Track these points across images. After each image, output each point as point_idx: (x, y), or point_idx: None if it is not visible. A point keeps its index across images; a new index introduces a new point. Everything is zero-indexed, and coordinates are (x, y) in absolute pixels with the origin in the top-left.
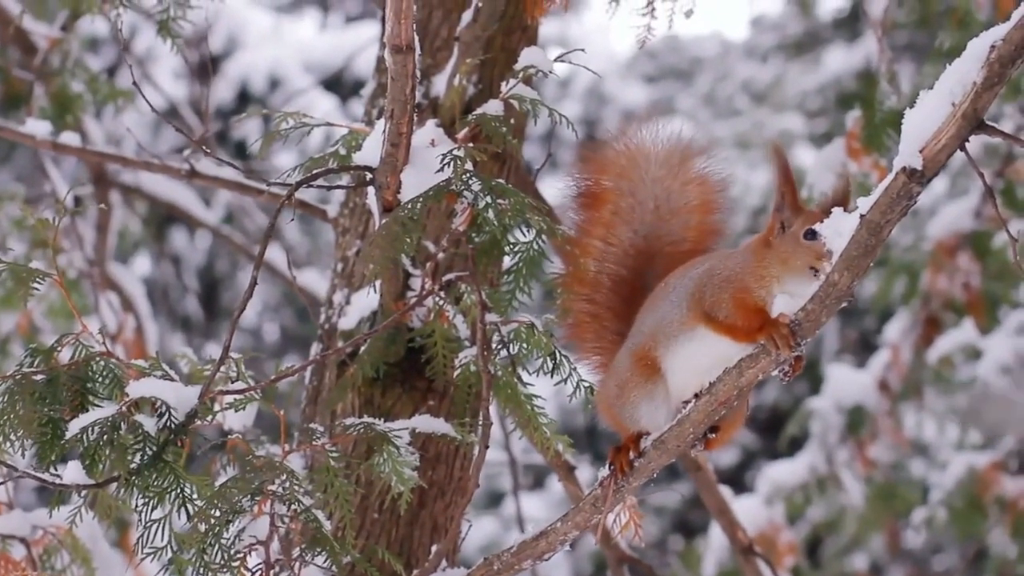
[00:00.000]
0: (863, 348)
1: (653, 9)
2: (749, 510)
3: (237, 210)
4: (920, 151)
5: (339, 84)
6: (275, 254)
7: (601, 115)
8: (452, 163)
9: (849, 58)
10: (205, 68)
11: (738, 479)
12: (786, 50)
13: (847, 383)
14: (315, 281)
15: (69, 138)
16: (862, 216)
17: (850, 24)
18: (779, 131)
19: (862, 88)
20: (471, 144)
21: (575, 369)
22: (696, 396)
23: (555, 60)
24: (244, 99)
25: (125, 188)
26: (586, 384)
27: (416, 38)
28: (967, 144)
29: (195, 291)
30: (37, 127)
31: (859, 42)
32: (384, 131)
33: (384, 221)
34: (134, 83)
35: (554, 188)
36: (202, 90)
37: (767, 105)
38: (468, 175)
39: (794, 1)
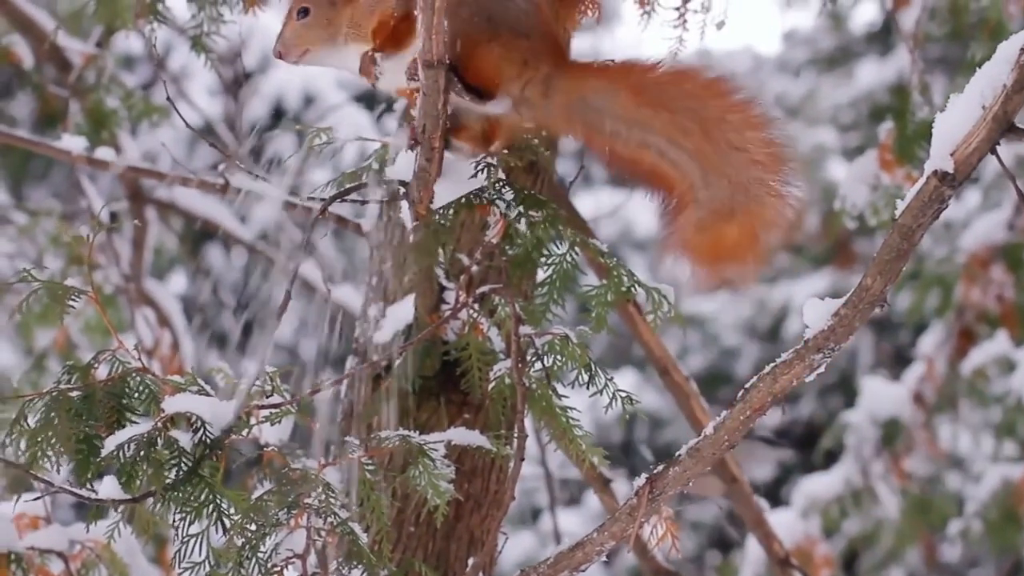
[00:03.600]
0: (897, 362)
1: (685, 21)
2: (785, 524)
3: (273, 226)
4: (951, 154)
5: (372, 100)
6: (310, 270)
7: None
8: (485, 170)
9: (882, 72)
10: (239, 84)
11: (774, 493)
12: (818, 64)
13: (882, 396)
14: (351, 297)
15: (105, 153)
16: (894, 220)
17: (882, 38)
18: (812, 145)
19: (895, 101)
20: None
21: (611, 380)
22: (731, 404)
23: None
24: (278, 115)
25: (160, 204)
26: (623, 395)
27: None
28: (998, 147)
29: (231, 307)
30: (73, 143)
31: (891, 56)
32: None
33: (415, 228)
34: (168, 99)
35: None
36: (233, 108)
37: (800, 119)
38: (501, 183)
39: (826, 15)
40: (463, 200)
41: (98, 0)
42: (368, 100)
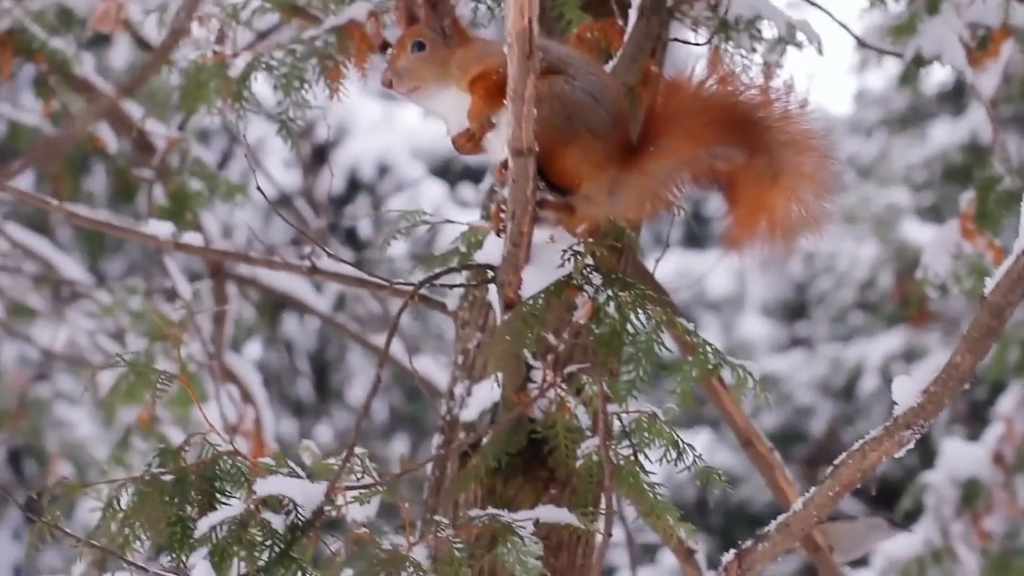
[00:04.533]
0: (973, 418)
1: None
2: None
3: (349, 296)
4: None
5: (447, 170)
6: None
7: (709, 194)
8: (572, 258)
9: (955, 132)
10: (317, 158)
11: None
12: (890, 124)
13: (961, 456)
14: (427, 367)
15: (191, 238)
16: (983, 298)
17: (955, 98)
18: (885, 205)
19: (968, 161)
20: (590, 239)
21: (699, 458)
22: (821, 480)
23: None
24: (354, 186)
25: (241, 280)
26: (716, 473)
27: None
28: None
29: (307, 374)
30: (160, 228)
31: (964, 115)
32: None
33: (506, 318)
34: (258, 189)
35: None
36: (310, 180)
37: (873, 179)
38: (588, 269)
39: (899, 76)
40: (552, 287)
41: (184, 88)
42: (444, 172)
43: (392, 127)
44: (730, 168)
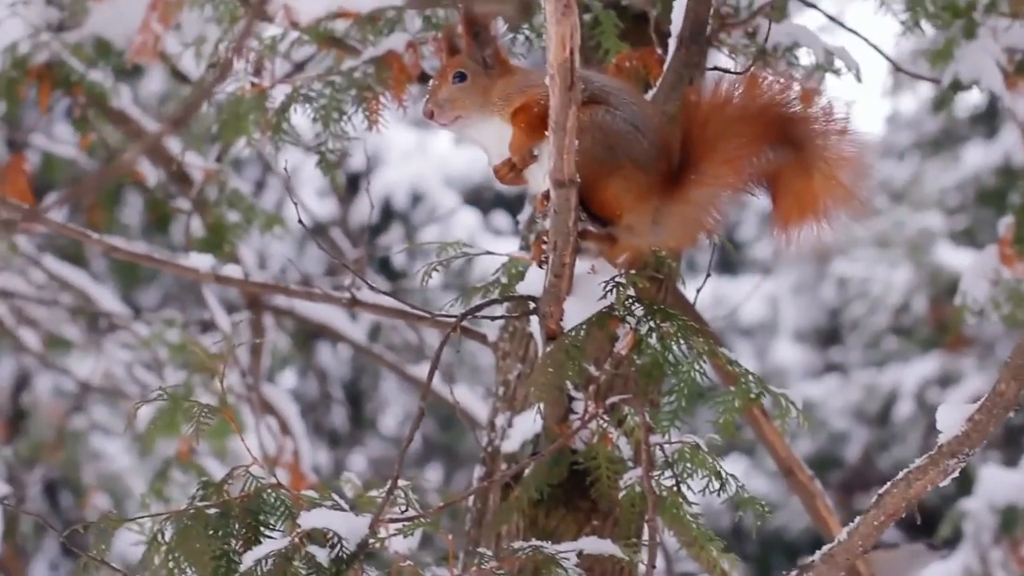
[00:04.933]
0: (1009, 444)
1: None
2: None
3: (385, 325)
4: None
5: (480, 198)
6: (422, 369)
7: (742, 219)
8: (615, 289)
9: (988, 154)
10: (351, 187)
11: None
12: (923, 147)
13: (999, 482)
14: (464, 396)
15: (231, 270)
16: None
17: (987, 120)
18: (919, 229)
19: (1002, 184)
20: (631, 269)
21: (742, 488)
22: (865, 510)
23: None
24: (387, 215)
25: (277, 310)
26: (758, 504)
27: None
28: None
29: (341, 403)
30: (199, 260)
31: (997, 138)
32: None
33: (548, 349)
34: (299, 222)
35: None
36: (345, 209)
37: (906, 203)
38: (630, 300)
39: (933, 100)
40: (594, 318)
41: (223, 120)
42: (477, 201)
43: (425, 155)
44: (771, 168)
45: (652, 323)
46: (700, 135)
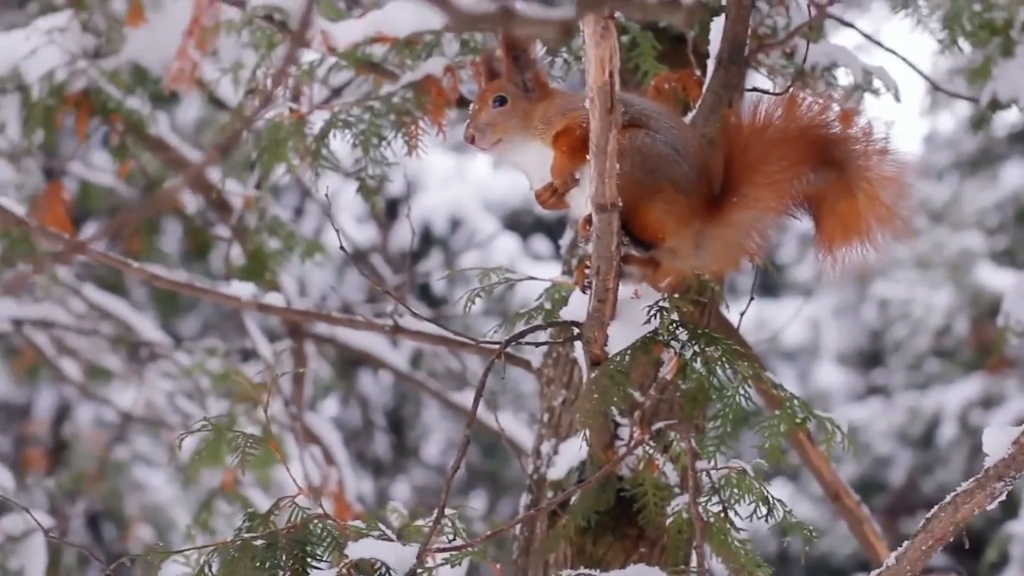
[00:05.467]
0: None
1: None
2: None
3: (427, 352)
4: None
5: (519, 222)
6: (465, 397)
7: (783, 241)
8: (658, 314)
9: None
10: (390, 212)
11: None
12: (961, 167)
13: None
14: (507, 423)
15: (273, 298)
16: None
17: None
18: (959, 250)
19: None
20: (675, 294)
21: (789, 513)
22: (913, 535)
23: None
24: (427, 240)
25: (319, 338)
26: (807, 529)
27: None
28: None
29: (383, 431)
30: (240, 289)
31: None
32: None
33: (593, 375)
34: (341, 248)
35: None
36: (384, 235)
37: (945, 224)
38: (674, 325)
39: (971, 120)
40: (638, 343)
41: (262, 148)
42: (516, 225)
43: (463, 180)
44: (813, 190)
45: (697, 348)
46: (741, 158)
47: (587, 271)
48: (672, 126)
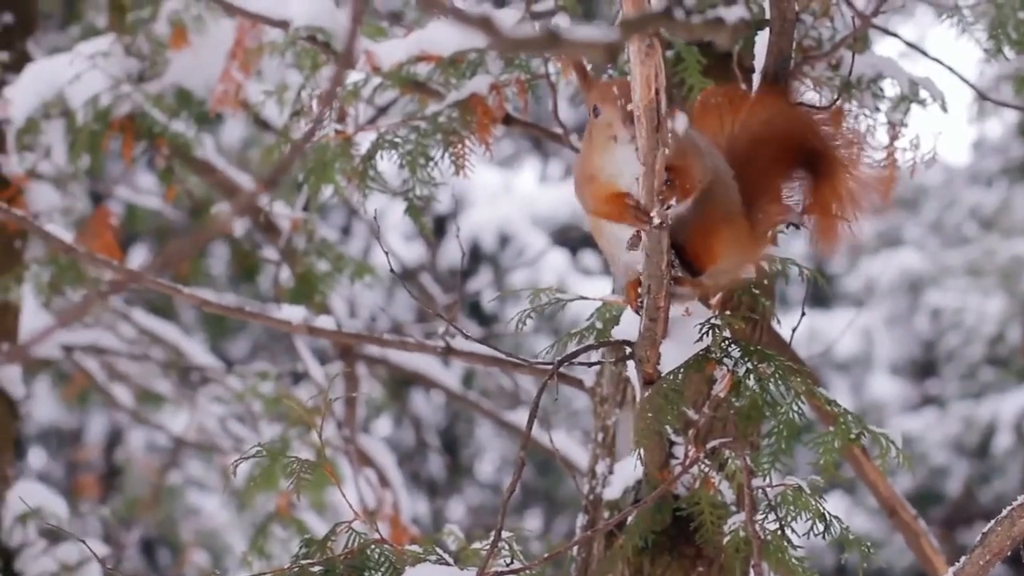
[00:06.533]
0: None
1: (894, 161)
2: None
3: (479, 371)
4: None
5: (568, 237)
6: (518, 416)
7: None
8: (710, 331)
9: None
10: (438, 230)
11: None
12: (1010, 173)
13: None
14: (561, 441)
15: (323, 321)
16: None
17: None
18: (1010, 256)
19: None
20: (727, 312)
21: (846, 529)
22: (971, 550)
23: None
24: (475, 257)
25: (370, 359)
26: (864, 545)
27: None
28: None
29: (437, 451)
30: (291, 312)
31: None
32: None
33: (647, 394)
34: (391, 271)
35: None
36: (433, 252)
37: (996, 231)
38: (727, 342)
39: (1019, 126)
40: (691, 361)
41: (309, 169)
42: (565, 240)
43: (511, 196)
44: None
45: (749, 364)
46: (748, 174)
47: (639, 290)
48: (716, 154)
